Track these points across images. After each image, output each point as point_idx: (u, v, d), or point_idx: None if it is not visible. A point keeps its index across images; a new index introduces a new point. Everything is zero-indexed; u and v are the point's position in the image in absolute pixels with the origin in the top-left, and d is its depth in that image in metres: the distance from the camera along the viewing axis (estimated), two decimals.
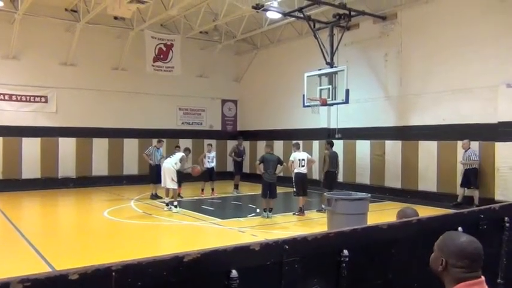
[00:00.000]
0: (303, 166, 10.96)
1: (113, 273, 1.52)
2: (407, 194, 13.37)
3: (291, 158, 11.14)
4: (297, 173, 10.94)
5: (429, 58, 13.09)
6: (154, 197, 13.60)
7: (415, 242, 2.52)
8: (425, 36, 13.21)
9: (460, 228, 2.64)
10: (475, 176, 11.66)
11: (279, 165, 10.69)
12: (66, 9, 16.06)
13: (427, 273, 2.04)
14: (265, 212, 10.55)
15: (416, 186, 13.43)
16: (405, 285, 2.60)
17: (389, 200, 13.21)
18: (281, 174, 11.10)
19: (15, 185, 15.49)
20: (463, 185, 11.83)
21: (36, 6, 14.34)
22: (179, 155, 12.20)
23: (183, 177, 12.93)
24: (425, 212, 3.52)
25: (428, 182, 13.11)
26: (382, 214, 10.88)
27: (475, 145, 11.92)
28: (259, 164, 10.64)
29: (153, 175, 13.62)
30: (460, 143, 12.19)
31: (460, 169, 12.19)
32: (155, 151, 14.05)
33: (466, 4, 12.31)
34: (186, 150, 13.31)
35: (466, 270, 1.88)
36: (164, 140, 14.82)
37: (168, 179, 11.66)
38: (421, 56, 13.35)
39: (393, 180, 14.13)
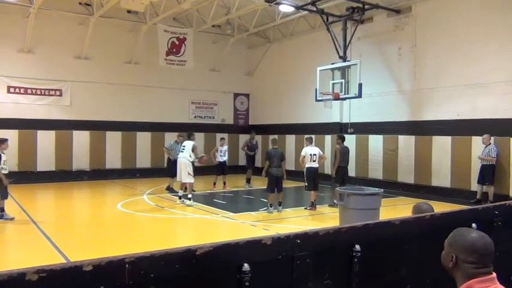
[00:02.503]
0: (314, 161, 10.93)
1: (127, 265, 1.54)
2: (421, 190, 13.26)
3: (302, 153, 11.12)
4: (308, 168, 10.92)
5: (444, 52, 12.91)
6: (170, 189, 13.66)
7: (428, 238, 2.50)
8: (440, 30, 13.02)
9: (474, 225, 2.61)
10: (491, 173, 11.40)
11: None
12: (80, 3, 16.17)
13: (439, 269, 2.02)
14: (271, 206, 10.52)
15: (429, 181, 13.30)
16: (418, 281, 2.58)
17: (402, 195, 13.12)
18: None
19: (30, 177, 15.74)
20: (479, 181, 11.64)
21: (50, 0, 14.46)
22: (189, 144, 11.84)
23: (195, 170, 12.97)
24: (439, 207, 3.49)
25: (442, 177, 12.98)
26: (395, 209, 10.83)
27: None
28: (266, 160, 10.69)
29: (171, 169, 13.66)
30: (474, 139, 12.05)
31: (474, 165, 12.03)
32: (176, 146, 13.91)
33: None
34: (191, 135, 12.42)
35: (477, 265, 1.87)
36: (183, 134, 14.68)
37: (184, 173, 11.58)
38: (436, 50, 13.17)
39: (406, 175, 14.01)
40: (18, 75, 16.12)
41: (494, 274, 1.91)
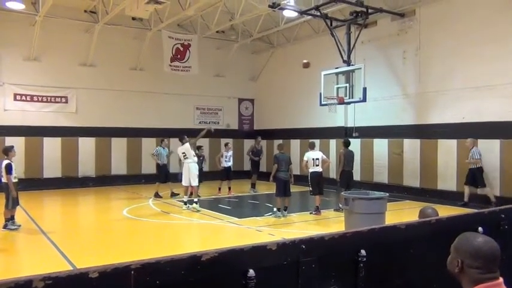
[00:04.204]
0: (317, 165, 10.96)
1: (132, 272, 1.55)
2: (426, 193, 13.18)
3: (305, 158, 11.15)
4: (312, 172, 10.94)
5: (449, 55, 12.88)
6: (173, 194, 13.81)
7: (434, 242, 2.49)
8: (445, 33, 13.00)
9: (480, 229, 2.60)
10: (480, 175, 11.55)
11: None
12: (85, 11, 16.31)
13: (446, 274, 2.01)
14: (279, 211, 10.56)
15: (435, 185, 13.23)
16: (424, 286, 2.57)
17: (408, 199, 13.06)
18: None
19: (37, 184, 15.80)
20: (467, 183, 11.75)
21: (56, 8, 14.59)
22: (186, 148, 11.95)
23: (203, 176, 13.09)
24: (445, 211, 3.47)
25: (447, 181, 12.91)
26: (401, 214, 10.77)
27: (496, 143, 11.71)
28: (275, 164, 10.72)
29: (161, 175, 14.09)
30: (480, 142, 11.99)
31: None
32: (162, 150, 14.32)
33: (487, 0, 12.06)
34: (183, 139, 12.19)
35: (483, 271, 1.86)
36: (166, 139, 14.97)
37: (193, 177, 11.77)
38: (441, 53, 13.14)
39: (412, 179, 13.95)
40: (25, 82, 16.25)
41: (501, 279, 1.89)
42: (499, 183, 11.65)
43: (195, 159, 12.07)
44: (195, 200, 11.70)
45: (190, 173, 11.82)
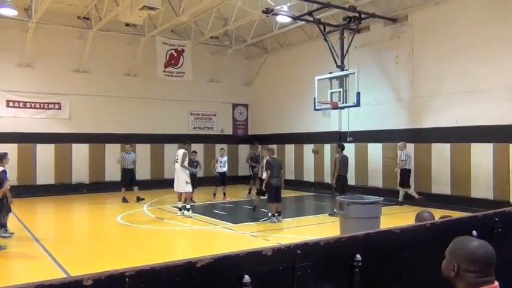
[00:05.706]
0: None
1: (127, 279, 1.54)
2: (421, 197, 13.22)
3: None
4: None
5: (442, 59, 12.97)
6: (125, 200, 14.11)
7: (429, 246, 2.49)
8: (438, 38, 13.10)
9: (474, 232, 2.60)
10: (407, 176, 12.92)
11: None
12: (78, 17, 16.28)
13: (441, 278, 2.01)
14: (274, 216, 10.54)
15: (429, 189, 13.27)
16: None
17: (403, 203, 13.07)
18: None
19: (29, 191, 15.67)
20: (400, 184, 13.00)
21: (49, 14, 14.55)
22: (181, 153, 11.91)
23: (196, 181, 13.04)
24: (439, 215, 3.48)
25: (442, 184, 12.95)
26: (395, 218, 10.79)
27: (489, 147, 11.78)
28: (267, 170, 10.65)
29: (125, 179, 14.40)
30: (474, 145, 12.10)
31: (474, 171, 12.09)
32: (127, 156, 14.60)
33: (479, 4, 12.17)
34: (185, 143, 12.40)
35: (478, 274, 1.86)
36: (133, 144, 15.12)
37: (182, 182, 11.69)
38: (434, 58, 13.24)
39: None
40: (17, 89, 16.16)
41: (496, 283, 1.90)
42: (492, 186, 11.71)
43: (186, 164, 11.97)
44: (187, 206, 11.66)
45: (178, 179, 11.77)
